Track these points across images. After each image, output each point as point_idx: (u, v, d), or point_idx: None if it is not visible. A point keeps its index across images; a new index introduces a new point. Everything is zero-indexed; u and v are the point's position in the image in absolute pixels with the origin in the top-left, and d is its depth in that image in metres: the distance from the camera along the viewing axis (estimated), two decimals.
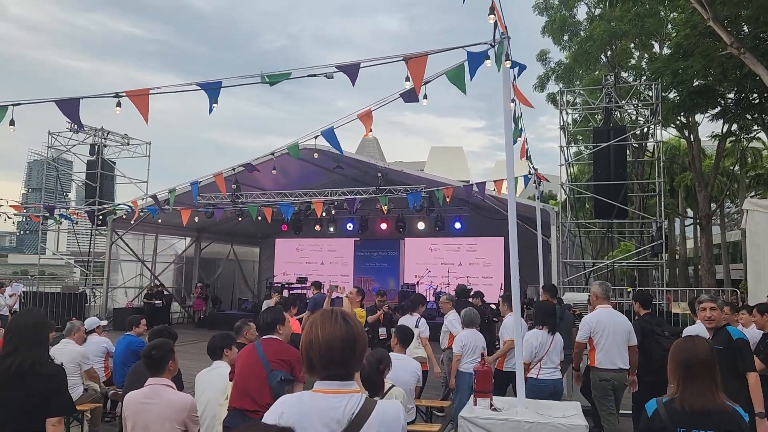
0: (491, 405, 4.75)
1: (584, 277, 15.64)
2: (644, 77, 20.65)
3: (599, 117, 18.48)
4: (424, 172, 22.38)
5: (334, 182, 18.47)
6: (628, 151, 17.08)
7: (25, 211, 15.83)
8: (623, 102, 17.59)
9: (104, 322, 7.68)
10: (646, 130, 20.29)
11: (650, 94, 18.25)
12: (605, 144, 14.48)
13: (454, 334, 7.50)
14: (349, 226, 20.31)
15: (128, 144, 21.13)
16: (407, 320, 7.60)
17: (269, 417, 1.95)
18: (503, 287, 18.62)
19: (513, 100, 5.55)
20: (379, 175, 16.07)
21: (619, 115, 18.54)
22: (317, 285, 11.30)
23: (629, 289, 17.51)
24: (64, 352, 6.14)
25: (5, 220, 14.08)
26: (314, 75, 4.94)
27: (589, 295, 6.89)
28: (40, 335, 3.42)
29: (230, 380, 4.37)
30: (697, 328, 5.17)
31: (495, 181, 10.19)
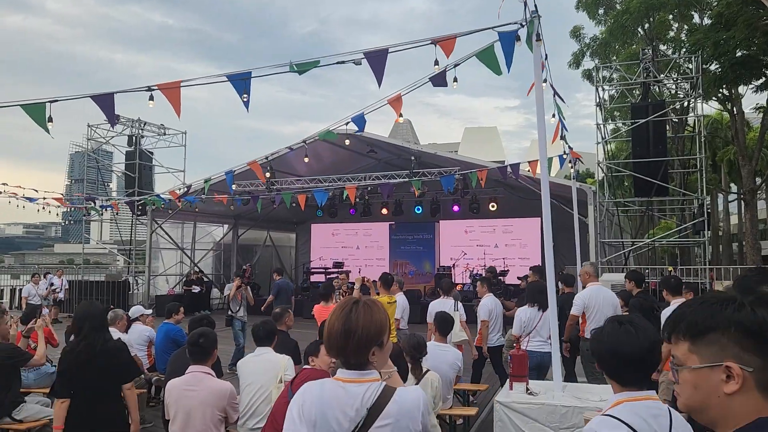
0: (527, 389, 4.73)
1: (623, 256, 15.37)
2: (684, 50, 19.96)
3: (637, 92, 18.04)
4: (458, 153, 22.22)
5: (368, 167, 18.47)
6: (667, 126, 16.61)
7: (67, 202, 16.26)
8: (662, 76, 17.08)
9: (149, 311, 7.85)
10: (686, 104, 19.68)
11: (690, 66, 17.67)
12: (644, 120, 14.12)
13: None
14: (384, 210, 20.32)
15: (165, 134, 21.51)
16: (442, 304, 7.55)
17: (293, 406, 2.01)
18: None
19: (545, 80, 5.44)
20: (413, 158, 15.99)
21: (657, 89, 18.03)
22: (279, 271, 11.94)
23: (670, 269, 17.14)
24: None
25: (49, 211, 14.50)
26: (342, 62, 4.92)
27: (580, 274, 7.45)
28: (104, 320, 4.34)
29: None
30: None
31: (529, 162, 10.04)
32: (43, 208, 13.78)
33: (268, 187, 16.42)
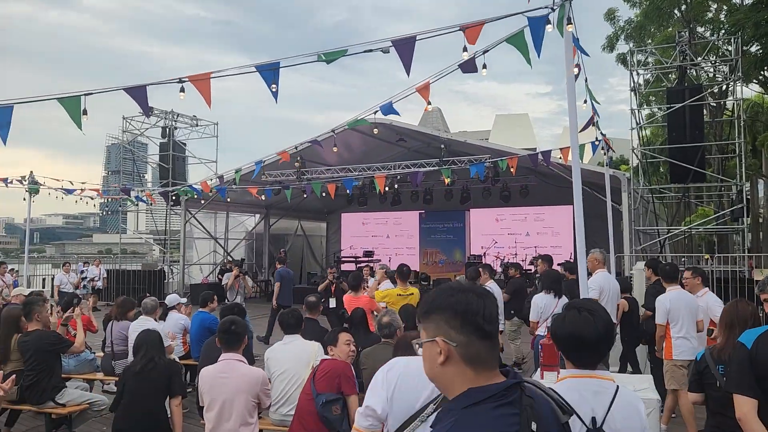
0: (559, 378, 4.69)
1: (659, 244, 15.07)
2: (722, 31, 19.37)
3: (673, 76, 17.57)
4: (488, 141, 22.00)
5: (398, 155, 18.43)
6: (705, 110, 16.19)
7: (103, 194, 16.64)
8: (699, 59, 16.59)
9: (184, 300, 8.00)
10: (724, 87, 19.10)
11: (729, 48, 17.14)
12: (680, 105, 13.77)
13: None
14: (414, 199, 20.29)
15: (197, 125, 21.81)
16: None
17: (379, 373, 2.16)
18: (573, 257, 18.22)
19: (577, 65, 5.34)
20: (442, 146, 15.91)
21: (694, 73, 17.56)
22: (281, 260, 12.51)
23: (707, 257, 16.75)
24: (145, 326, 6.47)
25: (86, 202, 14.86)
26: (370, 50, 4.90)
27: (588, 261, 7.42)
28: (160, 344, 4.78)
29: None
30: (671, 296, 5.81)
31: (561, 149, 9.89)
32: (81, 199, 14.12)
33: (299, 176, 16.53)
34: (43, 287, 20.74)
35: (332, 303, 9.86)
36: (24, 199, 12.51)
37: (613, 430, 2.14)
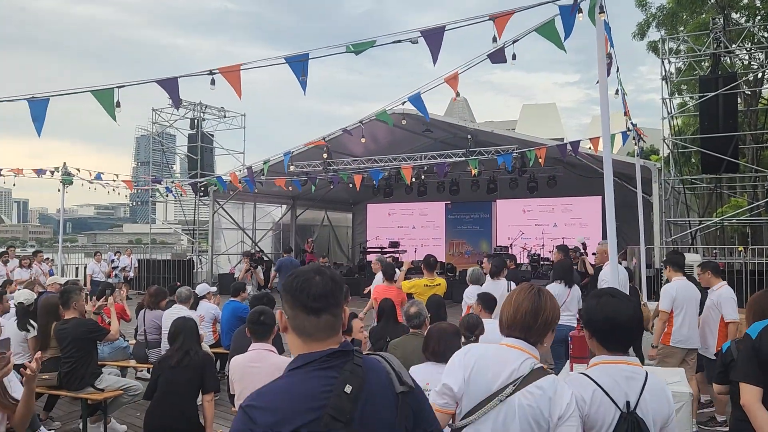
0: None
1: (690, 236, 14.81)
2: (758, 17, 18.86)
3: (706, 64, 17.21)
4: (515, 131, 21.77)
5: (424, 146, 18.38)
6: (739, 99, 15.79)
7: (134, 185, 16.93)
8: (734, 46, 16.21)
9: (214, 289, 8.13)
10: (760, 75, 18.64)
11: (765, 35, 16.71)
12: (713, 93, 13.47)
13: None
14: (440, 189, 20.22)
15: (225, 116, 22.02)
16: (494, 285, 7.47)
17: (455, 356, 2.28)
18: None
19: (608, 55, 5.25)
20: (469, 137, 15.81)
21: (728, 61, 17.12)
22: (288, 250, 13.18)
23: (741, 249, 16.40)
24: (178, 315, 6.58)
25: (119, 193, 15.15)
26: (399, 41, 4.89)
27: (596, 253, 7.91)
28: (196, 333, 4.72)
29: None
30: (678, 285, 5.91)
31: (591, 139, 9.76)
32: (114, 190, 14.39)
33: (325, 167, 16.59)
34: (76, 276, 21.24)
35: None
36: (58, 190, 12.79)
37: (645, 414, 2.18)
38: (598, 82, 4.74)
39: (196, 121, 20.98)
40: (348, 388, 1.57)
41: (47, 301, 5.80)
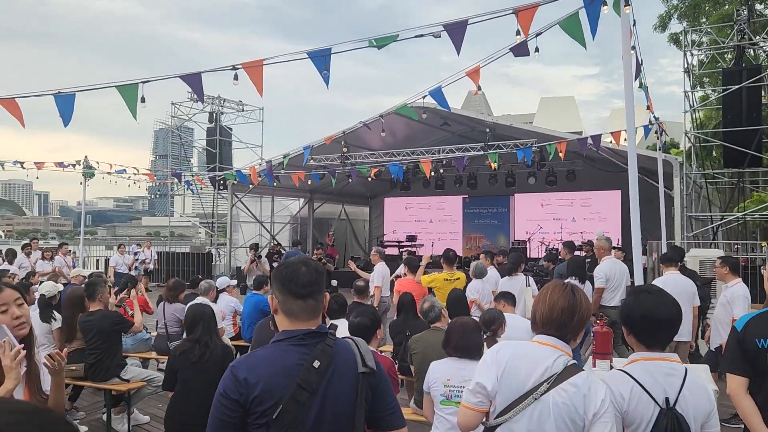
0: (611, 366, 4.63)
1: (711, 231, 14.62)
2: None
3: (729, 57, 16.90)
4: (533, 124, 21.61)
5: (442, 139, 18.31)
6: (763, 92, 15.52)
7: (155, 178, 17.09)
8: (758, 38, 15.90)
9: (234, 282, 8.18)
10: None
11: None
12: (737, 86, 13.25)
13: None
14: (458, 184, 20.15)
15: (243, 110, 22.11)
16: (511, 281, 7.46)
17: (488, 353, 2.30)
18: (620, 242, 17.86)
19: (633, 48, 5.19)
20: (487, 130, 15.72)
21: (753, 53, 16.82)
22: (296, 242, 13.71)
23: (764, 244, 16.17)
24: None
25: (139, 186, 15.31)
26: (421, 35, 4.87)
27: (594, 248, 8.01)
28: (214, 323, 4.58)
29: None
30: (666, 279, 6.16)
31: (612, 133, 9.67)
32: (135, 183, 14.54)
33: (343, 161, 16.60)
34: (97, 268, 21.52)
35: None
36: (80, 183, 12.94)
37: (685, 411, 2.18)
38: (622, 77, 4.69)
39: (215, 114, 21.10)
40: (316, 364, 1.91)
41: (73, 293, 5.88)
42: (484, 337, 4.84)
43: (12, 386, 2.25)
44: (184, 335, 6.22)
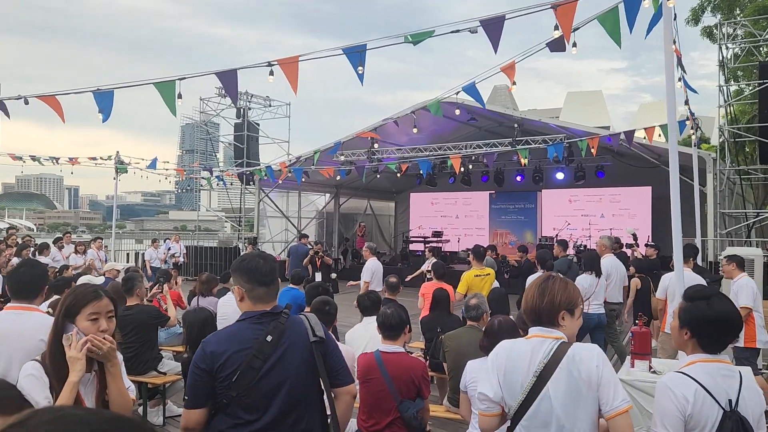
0: (650, 367, 4.56)
1: (745, 228, 14.33)
2: None
3: (765, 50, 16.53)
4: (560, 119, 21.28)
5: (468, 135, 18.21)
6: None
7: (186, 173, 17.29)
8: None
9: None
10: None
11: None
12: None
13: None
14: (484, 179, 20.01)
15: (270, 105, 22.24)
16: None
17: (489, 359, 2.37)
18: (650, 240, 17.57)
19: (674, 41, 5.09)
20: (516, 125, 15.58)
21: None
22: (302, 236, 13.88)
23: None
24: (231, 303, 6.71)
25: (170, 181, 15.50)
26: (458, 31, 4.83)
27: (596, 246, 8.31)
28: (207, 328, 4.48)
29: None
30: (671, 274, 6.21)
31: (645, 129, 9.50)
32: (166, 178, 14.71)
33: (369, 156, 16.60)
34: (128, 261, 21.87)
35: (318, 276, 10.99)
36: (114, 178, 13.13)
37: (745, 412, 2.18)
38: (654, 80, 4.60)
39: (242, 110, 21.26)
40: (269, 338, 2.40)
41: (115, 287, 5.95)
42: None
43: (76, 378, 2.20)
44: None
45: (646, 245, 9.51)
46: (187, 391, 2.44)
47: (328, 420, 2.58)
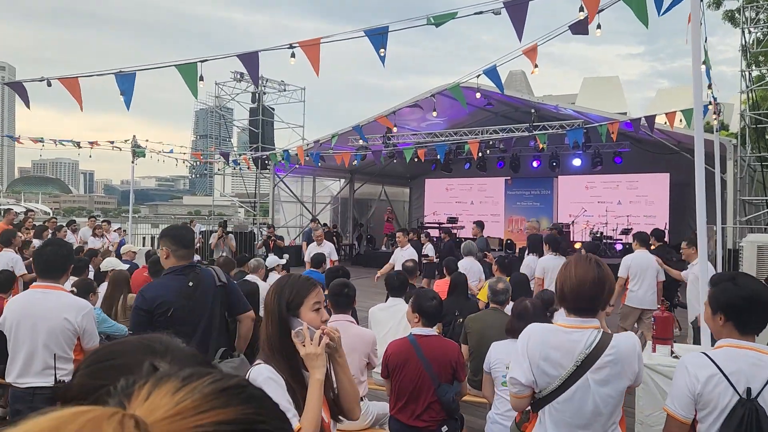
0: (672, 352, 4.55)
1: (765, 216, 14.15)
2: None
3: None
4: (577, 105, 21.08)
5: (484, 120, 18.09)
6: None
7: (202, 157, 17.36)
8: None
9: (283, 261, 8.26)
10: None
11: None
12: None
13: None
14: (500, 165, 19.89)
15: (285, 90, 22.19)
16: (554, 260, 7.38)
17: (519, 343, 2.34)
18: (668, 227, 17.43)
19: (701, 23, 5.00)
20: (533, 111, 15.45)
21: None
22: (314, 220, 14.35)
23: None
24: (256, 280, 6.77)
25: (187, 165, 15.57)
26: (481, 12, 4.79)
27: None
28: (256, 302, 4.59)
29: None
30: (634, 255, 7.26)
31: (667, 114, 9.38)
32: (184, 162, 14.77)
33: (385, 141, 16.56)
34: (143, 245, 22.06)
35: (271, 257, 10.87)
36: (132, 162, 13.21)
37: (766, 404, 2.10)
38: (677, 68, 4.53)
39: (257, 94, 21.23)
40: (190, 283, 3.36)
41: (120, 273, 5.94)
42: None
43: (322, 375, 1.98)
44: None
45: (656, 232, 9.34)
46: (133, 328, 3.33)
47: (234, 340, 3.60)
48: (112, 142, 13.08)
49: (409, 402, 3.69)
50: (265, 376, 2.00)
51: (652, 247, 7.79)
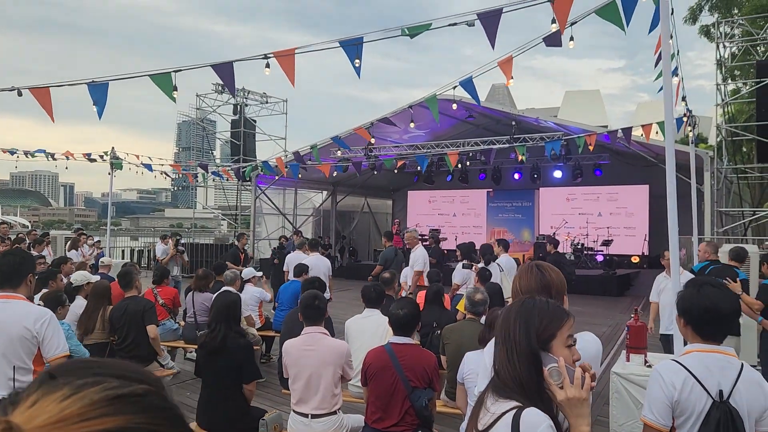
0: (645, 361, 4.56)
1: (742, 227, 14.35)
2: None
3: (762, 49, 16.53)
4: (559, 118, 21.30)
5: (465, 132, 18.18)
6: None
7: (182, 170, 17.22)
8: None
9: (260, 273, 8.19)
10: None
11: None
12: None
13: None
14: (482, 177, 19.98)
15: (267, 102, 22.17)
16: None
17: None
18: (647, 238, 17.60)
19: (671, 36, 5.07)
20: (513, 123, 15.57)
21: None
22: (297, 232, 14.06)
23: None
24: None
25: (165, 177, 15.42)
26: (455, 24, 4.81)
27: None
28: (230, 312, 4.30)
29: None
30: None
31: (643, 126, 9.49)
32: (161, 173, 14.63)
33: (367, 153, 16.56)
34: (122, 258, 21.80)
35: (247, 269, 10.91)
36: (109, 174, 13.06)
37: (739, 405, 2.16)
38: (653, 76, 4.58)
39: (239, 106, 21.18)
40: None
41: (101, 284, 5.88)
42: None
43: (588, 427, 1.60)
44: None
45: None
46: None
47: None
48: (88, 154, 12.91)
49: (386, 409, 3.70)
50: (546, 424, 1.54)
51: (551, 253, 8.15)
